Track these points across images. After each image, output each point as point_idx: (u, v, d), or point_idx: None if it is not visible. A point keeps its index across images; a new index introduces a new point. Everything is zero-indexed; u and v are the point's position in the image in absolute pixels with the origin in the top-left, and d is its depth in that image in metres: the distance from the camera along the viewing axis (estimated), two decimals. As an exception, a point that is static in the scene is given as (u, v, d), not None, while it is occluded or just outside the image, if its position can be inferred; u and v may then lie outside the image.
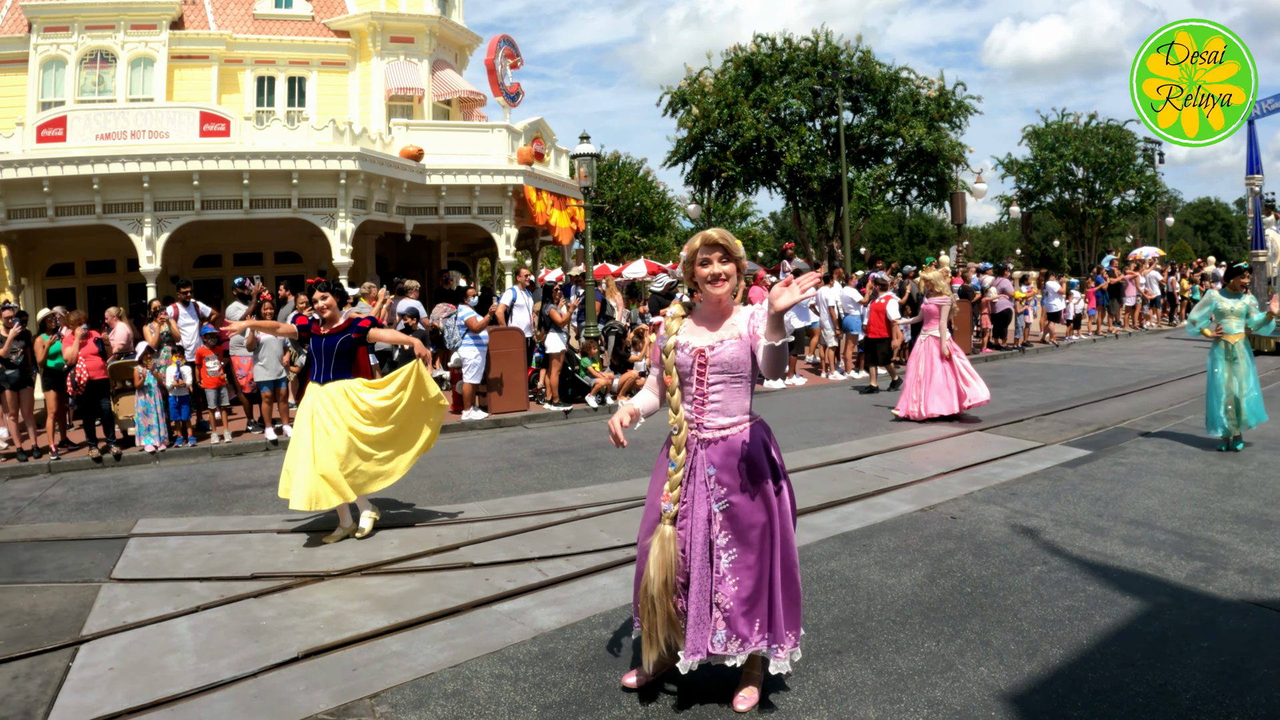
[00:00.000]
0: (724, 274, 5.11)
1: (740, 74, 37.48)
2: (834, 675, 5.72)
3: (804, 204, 38.98)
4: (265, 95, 28.13)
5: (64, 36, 26.21)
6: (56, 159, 19.62)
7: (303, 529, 10.18)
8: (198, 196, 19.90)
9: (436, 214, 23.30)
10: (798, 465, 12.00)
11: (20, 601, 8.50)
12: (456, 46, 30.41)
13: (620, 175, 55.07)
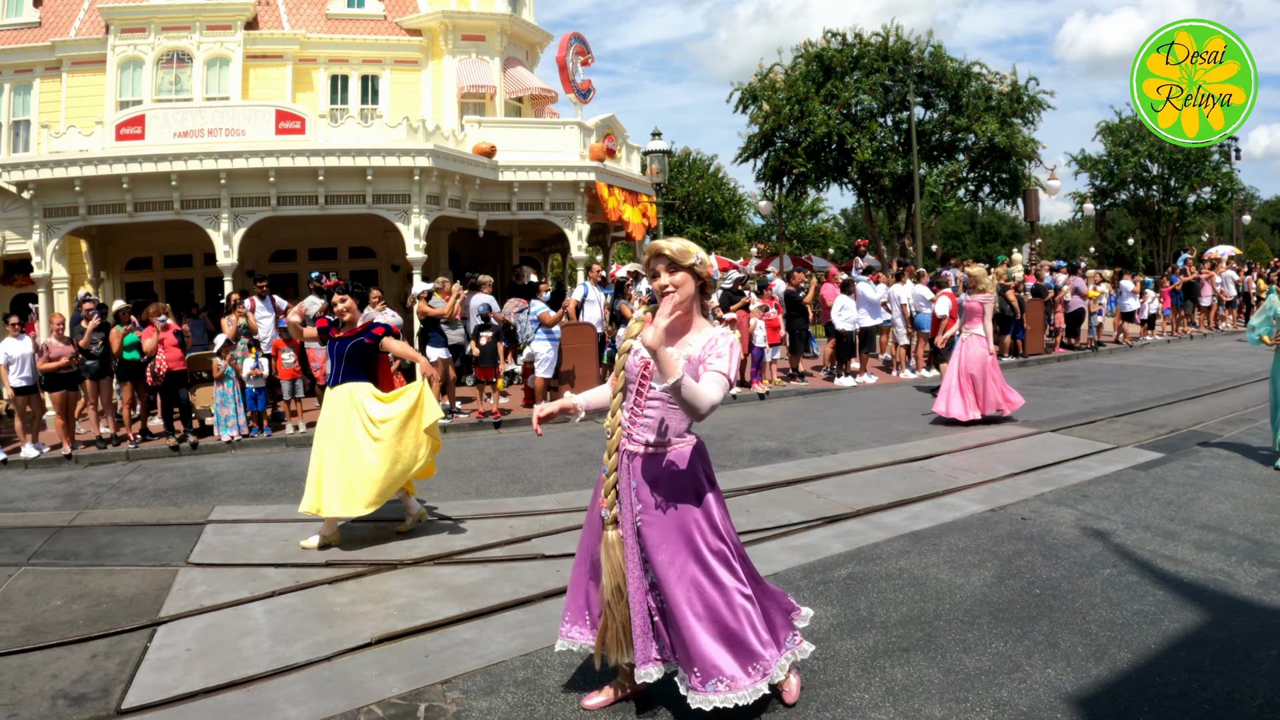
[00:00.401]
0: (670, 285, 4.88)
1: (811, 70, 37.26)
2: (901, 673, 5.68)
3: (875, 201, 38.72)
4: (339, 93, 28.33)
5: (141, 38, 26.58)
6: (135, 156, 19.84)
7: (375, 519, 10.23)
8: (273, 192, 20.09)
9: (509, 210, 23.33)
10: (868, 463, 11.98)
11: (99, 583, 8.68)
12: (527, 44, 30.48)
13: (691, 171, 54.98)
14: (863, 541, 8.47)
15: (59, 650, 7.05)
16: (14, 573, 9.20)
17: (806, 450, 13.16)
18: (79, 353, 16.13)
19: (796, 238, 59.48)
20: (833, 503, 9.98)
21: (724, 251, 50.60)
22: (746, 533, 8.85)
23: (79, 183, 19.83)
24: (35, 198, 20.20)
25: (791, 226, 58.10)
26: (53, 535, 10.62)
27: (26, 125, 27.13)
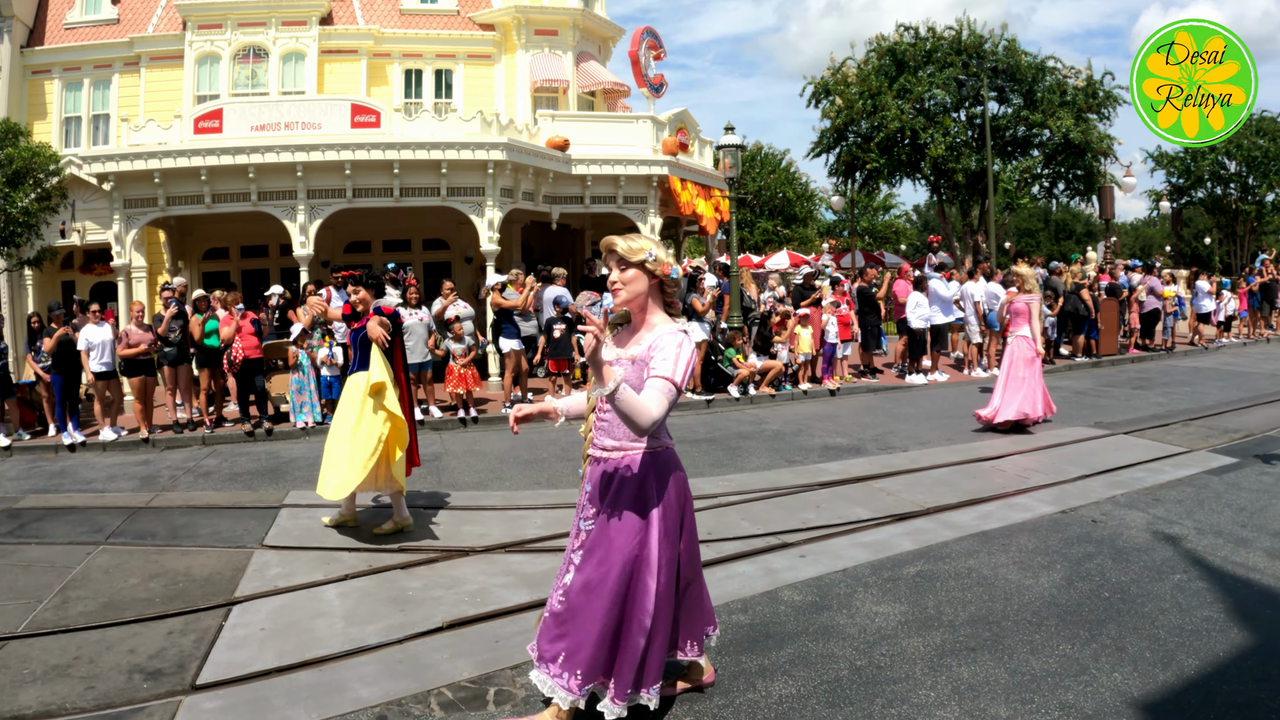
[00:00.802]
0: (618, 282, 4.76)
1: (883, 64, 36.93)
2: (967, 672, 5.64)
3: (948, 197, 38.32)
4: (413, 88, 28.53)
5: (217, 34, 27.00)
6: (214, 149, 20.10)
7: (442, 506, 10.27)
8: (349, 185, 20.23)
9: (582, 203, 23.35)
10: (938, 462, 11.88)
11: (176, 563, 8.83)
12: (600, 38, 30.51)
13: (763, 166, 54.76)
14: (932, 540, 8.41)
15: (136, 626, 7.17)
16: (93, 551, 9.38)
17: (877, 447, 13.07)
18: (157, 340, 16.41)
19: (868, 234, 59.05)
20: (902, 500, 9.90)
21: (795, 247, 50.32)
22: (816, 528, 8.86)
23: (158, 175, 20.13)
24: (115, 189, 20.56)
25: (864, 222, 57.69)
26: (130, 516, 10.81)
27: (106, 119, 27.71)
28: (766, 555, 8.13)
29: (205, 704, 5.77)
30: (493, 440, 15.21)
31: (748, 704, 5.33)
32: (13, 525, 10.70)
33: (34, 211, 21.23)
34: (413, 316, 16.67)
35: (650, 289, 4.81)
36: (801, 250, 48.46)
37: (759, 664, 5.88)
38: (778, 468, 12.02)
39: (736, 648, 6.15)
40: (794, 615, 6.70)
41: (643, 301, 4.81)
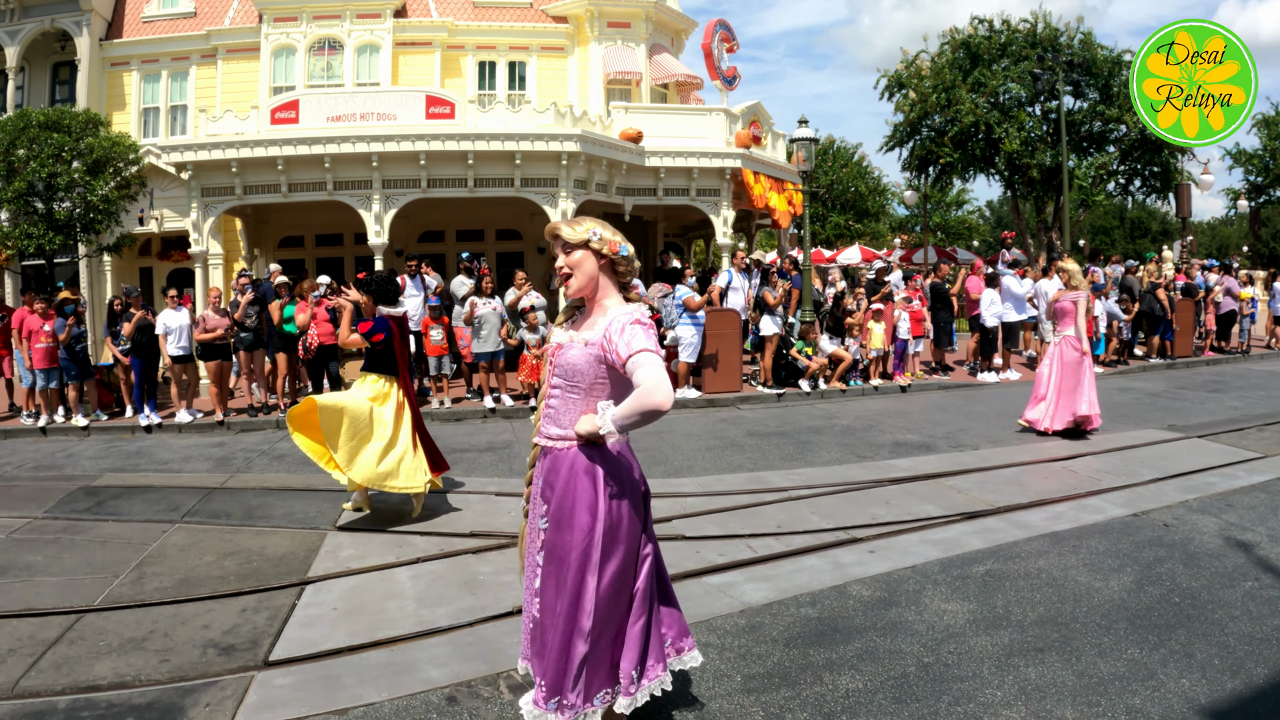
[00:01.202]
0: (564, 266, 4.56)
1: (957, 57, 36.46)
2: (1034, 673, 5.59)
3: (1022, 193, 37.79)
4: (486, 79, 28.65)
5: (293, 26, 27.35)
6: (290, 139, 20.33)
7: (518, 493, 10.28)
8: (424, 175, 20.36)
9: (655, 195, 23.30)
10: (1009, 461, 11.78)
11: (250, 542, 8.97)
12: (672, 30, 30.42)
13: (835, 160, 54.41)
14: (1002, 539, 8.34)
15: (210, 603, 7.30)
16: (168, 529, 9.56)
17: (948, 445, 12.96)
18: (234, 325, 16.64)
19: (941, 229, 58.55)
20: (973, 498, 9.81)
21: (867, 242, 50.07)
22: (885, 524, 8.83)
23: (235, 164, 20.39)
24: (193, 178, 20.82)
25: (936, 218, 57.19)
26: (205, 496, 11.00)
27: (183, 110, 28.20)
28: (835, 550, 8.12)
29: (278, 679, 5.87)
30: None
31: (814, 696, 5.34)
32: (90, 502, 10.91)
33: (113, 199, 21.59)
34: (486, 306, 16.80)
35: (601, 269, 4.58)
36: (873, 245, 48.17)
37: (826, 657, 5.87)
38: (848, 463, 11.98)
39: (804, 641, 6.15)
40: (862, 610, 6.68)
41: (595, 284, 4.58)
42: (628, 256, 4.61)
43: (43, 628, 6.87)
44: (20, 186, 20.42)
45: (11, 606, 7.36)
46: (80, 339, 16.77)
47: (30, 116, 21.37)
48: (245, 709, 5.46)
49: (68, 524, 10.02)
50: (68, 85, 28.82)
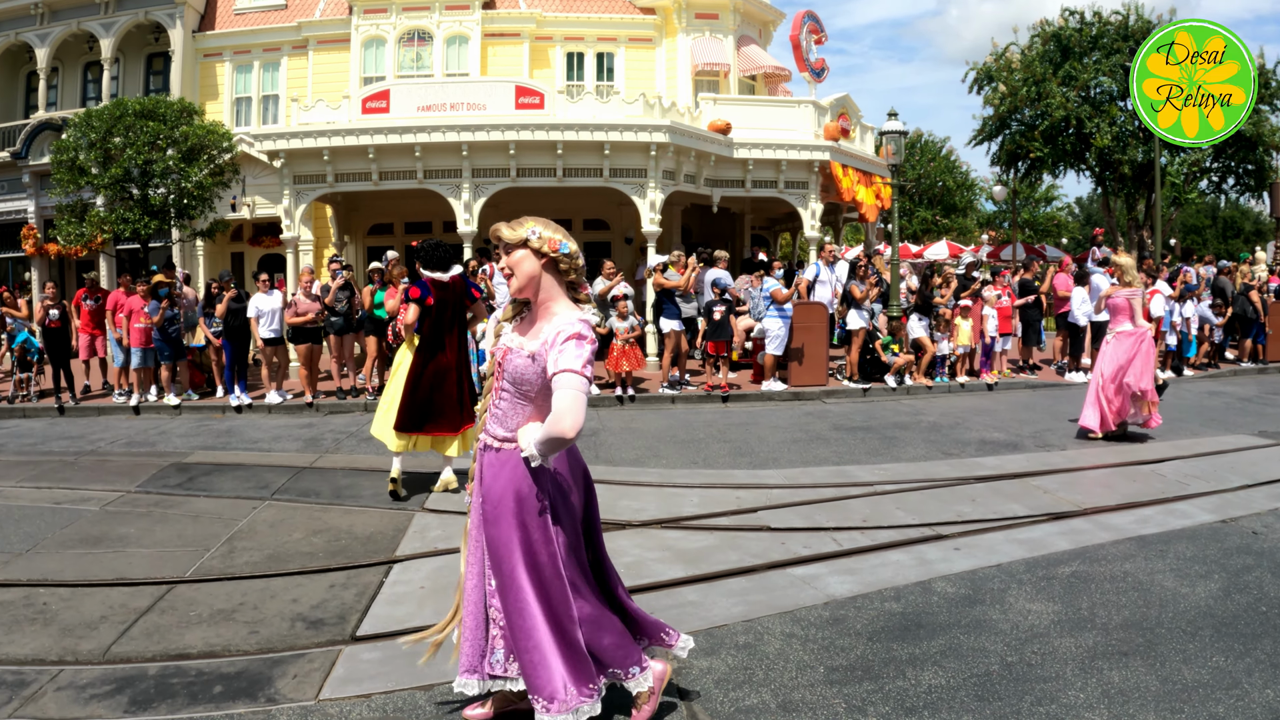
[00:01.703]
0: (507, 267, 4.46)
1: (1048, 49, 35.89)
2: (1118, 676, 5.45)
3: (1113, 189, 37.16)
4: (574, 70, 28.75)
5: (383, 18, 27.66)
6: (381, 128, 20.56)
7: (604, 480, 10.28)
8: (513, 164, 20.48)
9: (743, 187, 23.20)
10: (1097, 462, 11.55)
11: (338, 521, 9.10)
12: (760, 22, 30.36)
13: (922, 154, 53.98)
14: (1088, 541, 8.16)
15: (299, 578, 7.40)
16: (259, 506, 9.72)
17: (1034, 444, 12.74)
18: (324, 309, 16.88)
19: (1029, 225, 57.79)
20: (1059, 499, 9.63)
21: (954, 237, 49.51)
22: (971, 522, 8.72)
23: (327, 152, 20.66)
24: (286, 166, 21.14)
25: (1024, 214, 56.47)
26: (295, 475, 11.17)
27: (275, 99, 28.76)
28: (921, 546, 8.03)
29: (365, 654, 5.92)
30: (649, 419, 15.28)
31: (897, 690, 5.28)
32: (182, 478, 11.13)
33: (207, 186, 22.00)
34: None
35: (544, 269, 4.48)
36: (961, 241, 47.62)
37: (909, 652, 5.80)
38: (933, 459, 11.84)
39: (887, 635, 6.08)
40: (946, 607, 6.60)
41: (537, 285, 4.48)
42: (569, 254, 4.49)
43: (134, 596, 7.01)
44: (117, 173, 20.88)
45: (104, 575, 7.54)
46: (174, 321, 17.10)
47: (126, 105, 21.85)
48: (332, 681, 5.51)
49: (160, 498, 10.24)
50: (161, 75, 29.50)
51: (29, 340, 18.11)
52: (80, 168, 21.34)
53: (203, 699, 5.32)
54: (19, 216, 29.31)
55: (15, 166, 28.88)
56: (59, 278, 26.99)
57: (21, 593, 7.20)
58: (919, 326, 18.69)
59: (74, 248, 23.92)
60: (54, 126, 27.39)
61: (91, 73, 30.44)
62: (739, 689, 5.33)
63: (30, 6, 29.04)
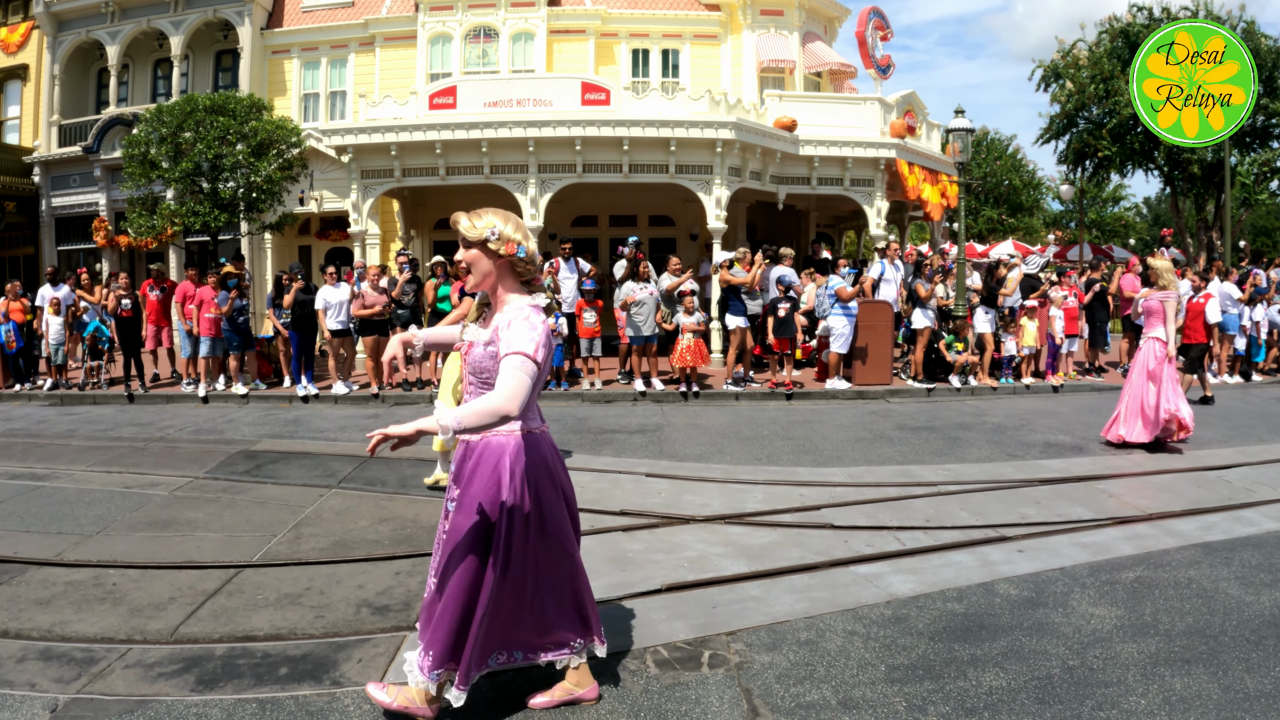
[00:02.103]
0: (463, 263, 4.54)
1: (1116, 46, 35.23)
2: (1180, 683, 5.38)
3: (1182, 189, 36.53)
4: (640, 67, 28.77)
5: (449, 15, 27.87)
6: (448, 124, 20.77)
7: (668, 475, 10.32)
8: (579, 160, 20.62)
9: (808, 184, 23.14)
10: (1163, 467, 11.34)
11: (404, 510, 9.23)
12: (825, 19, 30.20)
13: (989, 152, 53.47)
14: (1152, 546, 8.05)
15: (365, 565, 7.53)
16: (324, 493, 9.87)
17: (1100, 447, 12.55)
18: (391, 302, 17.08)
19: (1096, 226, 57.07)
20: (1124, 503, 9.50)
21: (1020, 237, 49.02)
22: (1035, 524, 8.65)
23: (395, 148, 20.94)
24: (354, 160, 21.45)
25: (1092, 214, 55.76)
26: (360, 464, 11.30)
27: (342, 95, 29.08)
28: (984, 547, 7.98)
29: None
30: (713, 415, 15.30)
31: (957, 691, 5.27)
32: (250, 465, 11.35)
33: (275, 180, 22.27)
34: (643, 291, 16.91)
35: (499, 269, 4.58)
36: (1027, 241, 47.13)
37: (971, 653, 5.78)
38: (997, 460, 11.74)
39: (949, 635, 6.07)
40: (1008, 609, 6.56)
41: (493, 281, 4.59)
42: (525, 258, 4.58)
43: (202, 579, 7.17)
44: (187, 167, 21.19)
45: (173, 558, 7.70)
46: (242, 311, 17.37)
47: (197, 101, 22.18)
48: (397, 666, 5.59)
49: (228, 484, 10.44)
50: (230, 72, 29.94)
51: (100, 329, 18.49)
52: (151, 162, 21.66)
53: (268, 680, 5.42)
54: (90, 209, 29.88)
55: (87, 160, 29.44)
56: (129, 269, 27.50)
57: (91, 573, 7.38)
58: (984, 321, 18.54)
59: (145, 240, 24.31)
60: (125, 122, 27.90)
61: (161, 69, 30.92)
62: (800, 684, 5.35)
63: (101, 5, 29.58)
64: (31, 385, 18.78)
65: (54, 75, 30.67)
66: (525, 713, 5.01)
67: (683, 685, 5.34)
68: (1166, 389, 12.39)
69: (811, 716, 5.00)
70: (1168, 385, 12.42)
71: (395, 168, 21.22)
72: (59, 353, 18.71)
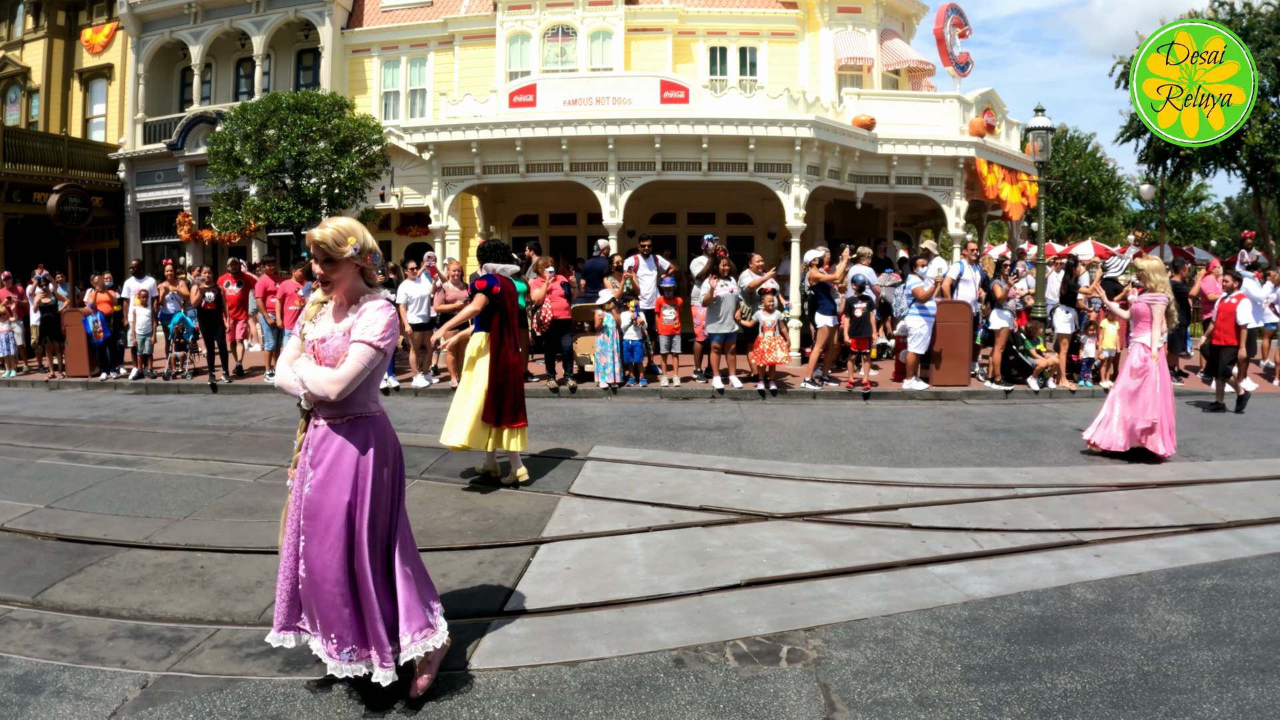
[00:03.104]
0: (323, 276, 4.94)
1: (1197, 41, 34.73)
2: (1254, 693, 5.36)
3: (1265, 189, 35.76)
4: (717, 65, 28.84)
5: (527, 14, 28.14)
6: (528, 122, 20.99)
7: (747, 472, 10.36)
8: (658, 158, 20.72)
9: (887, 183, 23.04)
10: (1242, 475, 11.08)
11: (486, 502, 9.41)
12: (903, 15, 30.05)
13: (1068, 150, 52.75)
14: (1230, 554, 7.97)
15: (449, 554, 7.71)
16: (408, 483, 9.90)
17: (1178, 454, 12.22)
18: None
19: (1176, 226, 56.06)
20: (1202, 510, 9.38)
21: (1099, 237, 48.32)
22: (1112, 529, 8.61)
23: (475, 145, 21.19)
24: (434, 158, 21.74)
25: (1172, 215, 54.83)
26: (442, 455, 11.48)
27: (421, 94, 29.56)
28: (1061, 550, 7.96)
29: (512, 629, 6.18)
30: (790, 413, 15.32)
31: (1032, 693, 5.31)
32: (332, 455, 11.47)
33: (358, 176, 22.65)
34: (724, 288, 16.99)
35: (356, 274, 5.01)
36: (1106, 241, 46.48)
37: (1046, 656, 5.81)
38: (1075, 464, 11.64)
39: (1025, 637, 6.10)
40: (1085, 613, 6.56)
41: (350, 283, 5.00)
42: (379, 263, 5.18)
43: (287, 564, 7.36)
44: (271, 164, 21.66)
45: (259, 543, 7.95)
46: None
47: (280, 99, 22.65)
48: (480, 653, 5.77)
49: (311, 472, 10.63)
50: (311, 71, 30.55)
51: (185, 320, 18.92)
52: (236, 158, 22.16)
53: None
54: (175, 204, 30.65)
55: (171, 157, 30.15)
56: (213, 263, 28.12)
57: (180, 556, 7.66)
58: (1064, 320, 18.38)
59: (228, 234, 24.79)
60: (208, 120, 28.50)
61: (243, 69, 31.61)
62: (876, 681, 5.42)
63: (184, 6, 30.31)
64: (117, 375, 19.26)
65: (138, 74, 31.50)
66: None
67: (761, 679, 5.43)
68: (1146, 396, 11.95)
69: (888, 713, 5.06)
70: (1148, 392, 11.96)
71: (476, 165, 21.46)
72: (145, 343, 19.22)
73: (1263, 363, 21.53)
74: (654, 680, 5.43)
